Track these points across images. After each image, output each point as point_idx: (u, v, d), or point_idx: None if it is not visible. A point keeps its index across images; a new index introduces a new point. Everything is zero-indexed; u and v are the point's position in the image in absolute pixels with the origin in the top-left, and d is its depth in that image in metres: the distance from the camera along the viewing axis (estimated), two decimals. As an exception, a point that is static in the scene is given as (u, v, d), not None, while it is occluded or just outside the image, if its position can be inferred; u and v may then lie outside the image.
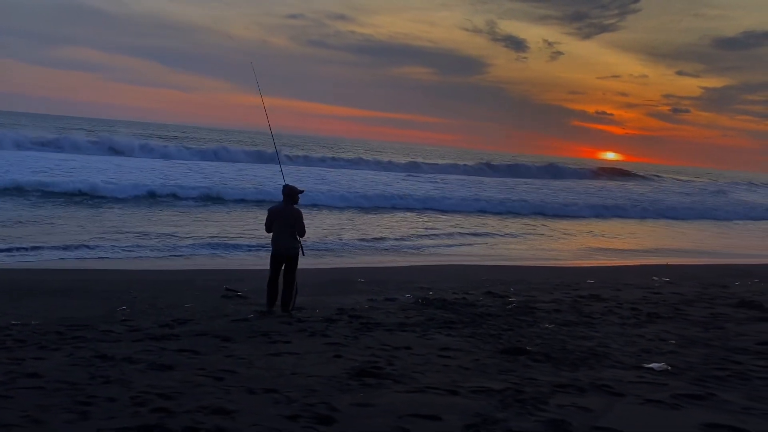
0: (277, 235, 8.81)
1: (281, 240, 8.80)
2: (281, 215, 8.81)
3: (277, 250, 8.82)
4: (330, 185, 29.81)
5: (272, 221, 8.83)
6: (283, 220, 8.79)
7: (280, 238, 8.80)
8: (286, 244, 8.80)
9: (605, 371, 6.08)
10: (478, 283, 11.91)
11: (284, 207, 8.86)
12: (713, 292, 11.84)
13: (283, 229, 8.78)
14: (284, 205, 8.89)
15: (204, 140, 71.51)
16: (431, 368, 6.09)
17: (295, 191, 8.93)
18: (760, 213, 36.85)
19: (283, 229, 8.78)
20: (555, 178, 54.16)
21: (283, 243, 8.80)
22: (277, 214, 8.83)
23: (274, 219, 8.81)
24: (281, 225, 8.78)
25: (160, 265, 12.64)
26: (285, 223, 8.79)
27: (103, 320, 7.91)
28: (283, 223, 8.78)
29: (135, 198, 22.07)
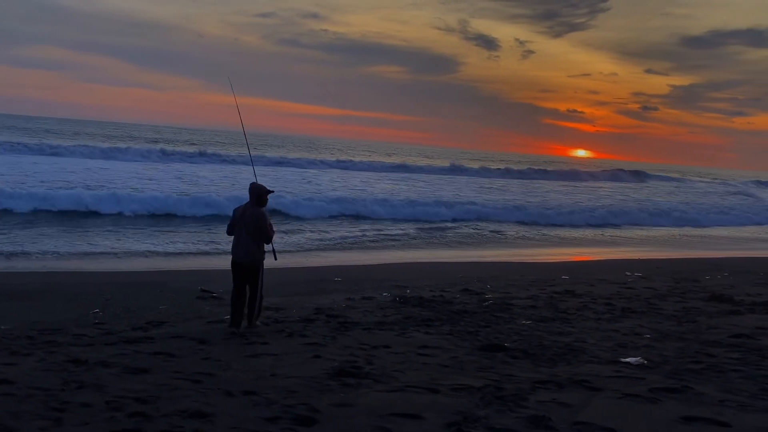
0: (236, 241, 7.72)
1: (239, 246, 7.69)
2: (241, 217, 7.68)
3: (235, 257, 7.74)
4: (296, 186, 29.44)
5: (233, 223, 7.78)
6: (242, 224, 7.64)
7: (239, 244, 7.69)
8: (244, 251, 7.66)
9: (583, 366, 6.12)
10: (455, 281, 11.93)
11: (246, 208, 7.75)
12: (685, 286, 12.02)
13: (242, 234, 7.65)
14: (247, 206, 7.79)
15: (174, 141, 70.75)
16: (410, 367, 6.07)
17: (263, 191, 7.77)
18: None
19: (241, 233, 7.65)
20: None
21: (241, 250, 7.67)
22: (237, 215, 7.76)
23: (235, 221, 7.74)
24: (240, 229, 7.66)
25: (132, 267, 12.45)
26: (244, 226, 7.63)
27: (76, 324, 7.75)
28: (242, 227, 7.64)
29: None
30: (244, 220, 7.66)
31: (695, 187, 56.57)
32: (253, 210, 7.70)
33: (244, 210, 7.76)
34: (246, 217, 7.66)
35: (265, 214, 7.77)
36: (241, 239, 7.68)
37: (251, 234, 7.65)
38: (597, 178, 58.60)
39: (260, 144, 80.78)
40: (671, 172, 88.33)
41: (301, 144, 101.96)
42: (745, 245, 22.69)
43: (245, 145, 49.46)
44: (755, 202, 41.05)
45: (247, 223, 7.63)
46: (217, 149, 51.36)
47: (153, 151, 43.02)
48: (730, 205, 37.06)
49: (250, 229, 7.64)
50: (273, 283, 10.64)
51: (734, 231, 27.25)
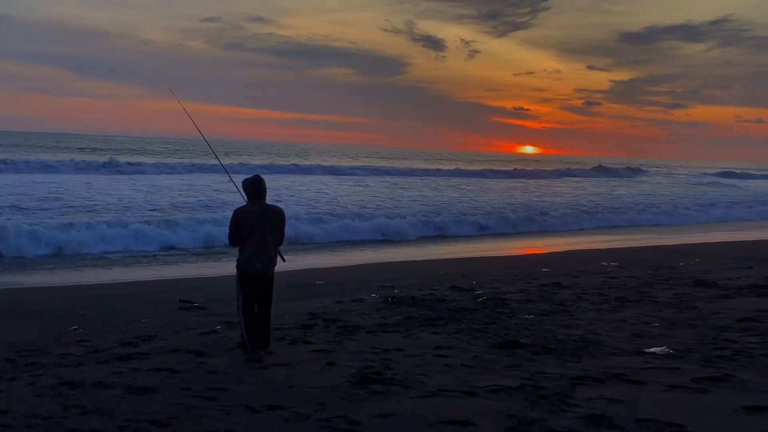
0: (255, 249, 6.34)
1: (262, 254, 6.35)
2: (260, 219, 6.33)
3: (254, 269, 6.37)
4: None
5: (243, 229, 6.37)
6: (264, 226, 6.35)
7: (262, 251, 6.34)
8: (268, 260, 6.38)
9: (609, 359, 5.95)
10: (439, 278, 11.70)
11: (263, 207, 6.43)
12: (665, 274, 12.10)
13: (263, 240, 6.35)
14: (259, 204, 6.46)
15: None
16: (433, 369, 5.79)
17: (264, 184, 6.60)
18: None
19: (262, 239, 6.35)
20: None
21: (265, 258, 6.36)
22: (251, 218, 6.34)
23: (248, 226, 6.34)
24: (260, 233, 6.35)
25: (99, 279, 11.77)
26: (266, 229, 6.37)
27: (57, 342, 7.16)
28: (265, 231, 6.36)
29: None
30: (268, 220, 6.40)
31: (686, 182, 58.45)
32: (274, 207, 6.52)
33: (263, 210, 6.41)
34: (269, 217, 6.40)
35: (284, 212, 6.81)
36: (264, 245, 6.35)
37: (277, 237, 6.51)
38: (585, 175, 60.27)
39: (208, 151, 79.21)
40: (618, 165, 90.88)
41: (253, 149, 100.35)
42: (705, 231, 23.23)
43: (191, 152, 47.92)
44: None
45: (273, 224, 6.44)
46: (164, 158, 49.97)
47: (100, 162, 41.17)
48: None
49: (276, 231, 6.49)
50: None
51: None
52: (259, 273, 6.41)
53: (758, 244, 17.85)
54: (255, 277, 6.41)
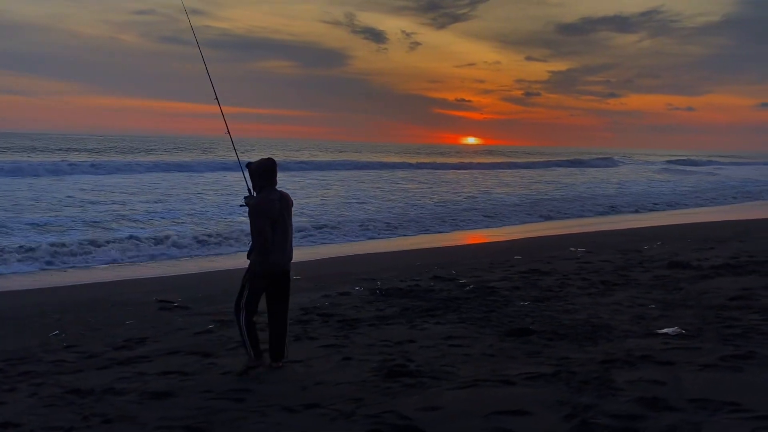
0: (280, 243, 5.64)
1: (284, 250, 5.71)
2: (279, 210, 5.64)
3: (278, 266, 5.70)
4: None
5: (270, 223, 5.57)
6: (285, 217, 5.69)
7: (283, 246, 5.69)
8: (289, 256, 5.81)
9: (626, 342, 6.07)
10: (417, 269, 11.69)
11: (276, 195, 5.70)
12: (635, 257, 12.45)
13: (287, 231, 5.72)
14: (273, 192, 5.70)
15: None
16: (456, 360, 5.78)
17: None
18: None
19: (286, 230, 5.71)
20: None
21: (288, 253, 5.78)
22: (274, 209, 5.61)
23: (269, 217, 5.57)
24: (284, 225, 5.66)
25: (62, 281, 11.23)
26: (288, 220, 5.75)
27: (44, 349, 6.79)
28: (287, 222, 5.72)
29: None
30: (287, 209, 5.75)
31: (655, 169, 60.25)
32: (286, 194, 5.82)
33: (280, 197, 5.71)
34: (287, 206, 5.75)
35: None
36: (287, 239, 5.74)
37: (291, 230, 5.85)
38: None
39: (144, 148, 76.71)
40: (567, 154, 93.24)
41: (194, 145, 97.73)
42: (653, 215, 24.03)
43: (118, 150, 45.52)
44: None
45: (290, 214, 5.83)
46: (100, 157, 47.98)
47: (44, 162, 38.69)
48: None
49: (290, 224, 5.82)
50: (225, 288, 9.96)
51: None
52: (284, 270, 5.80)
53: (713, 226, 18.61)
54: (277, 275, 5.75)
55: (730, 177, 50.45)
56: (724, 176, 52.11)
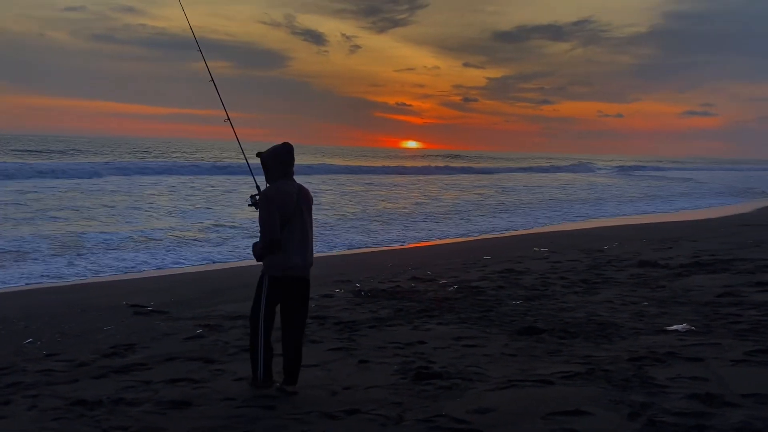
0: (297, 243, 4.88)
1: (304, 249, 4.94)
2: (296, 204, 4.91)
3: (295, 269, 4.92)
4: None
5: (280, 218, 4.83)
6: (303, 212, 4.94)
7: (302, 246, 4.92)
8: (309, 259, 5.02)
9: (640, 339, 6.16)
10: (391, 270, 11.60)
11: (293, 187, 4.97)
12: (601, 257, 12.75)
13: (305, 230, 4.94)
14: (290, 184, 4.97)
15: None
16: (477, 360, 5.72)
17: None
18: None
19: (303, 229, 4.93)
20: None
21: (307, 254, 4.99)
22: (289, 201, 4.87)
23: (287, 213, 4.85)
24: (301, 221, 4.91)
25: (15, 286, 10.52)
26: (306, 216, 4.98)
27: (23, 359, 6.30)
28: (305, 218, 4.96)
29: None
30: (306, 204, 4.99)
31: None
32: (304, 187, 5.09)
33: (299, 189, 4.99)
34: (305, 200, 5.00)
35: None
36: (306, 237, 4.96)
37: (311, 228, 5.07)
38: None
39: (75, 150, 73.17)
40: (511, 159, 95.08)
41: (127, 147, 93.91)
42: (591, 216, 24.73)
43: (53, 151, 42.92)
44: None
45: (310, 209, 5.06)
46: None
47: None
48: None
49: (310, 221, 5.07)
50: (199, 291, 9.62)
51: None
52: (299, 276, 4.97)
53: (660, 227, 19.30)
54: (296, 281, 4.96)
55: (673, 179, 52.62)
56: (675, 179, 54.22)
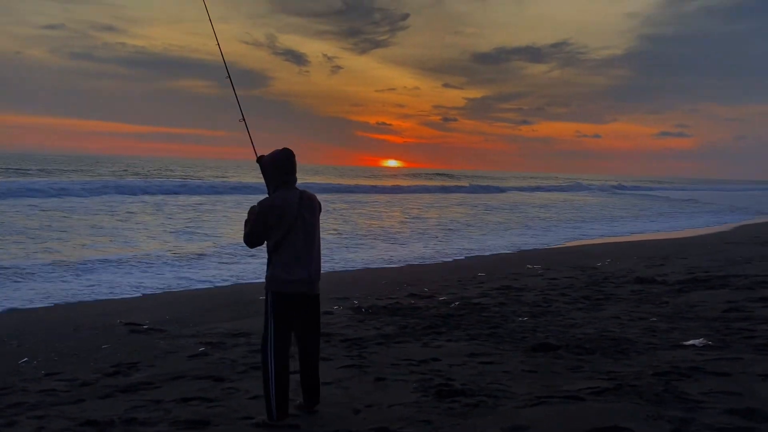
0: (298, 255, 4.51)
1: (306, 263, 4.55)
2: (298, 211, 4.55)
3: (298, 285, 4.53)
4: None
5: (278, 228, 4.51)
6: (305, 222, 4.56)
7: (305, 259, 4.53)
8: (313, 272, 4.61)
9: (659, 354, 6.10)
10: (386, 287, 11.48)
11: (294, 195, 4.61)
12: (596, 274, 12.77)
13: (307, 241, 4.56)
14: (290, 192, 4.62)
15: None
16: (498, 377, 5.61)
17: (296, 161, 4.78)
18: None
19: (306, 240, 4.55)
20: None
21: (310, 268, 4.58)
22: (288, 211, 4.52)
23: (286, 222, 4.50)
24: (303, 231, 4.54)
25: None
26: (309, 226, 4.59)
27: (20, 378, 6.06)
28: (307, 228, 4.57)
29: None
30: (308, 212, 4.60)
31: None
32: (308, 194, 4.71)
33: (301, 196, 4.61)
34: (308, 208, 4.62)
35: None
36: (310, 249, 4.58)
37: (318, 235, 4.73)
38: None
39: (53, 168, 71.71)
40: (487, 178, 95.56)
41: (108, 164, 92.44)
42: (574, 233, 24.84)
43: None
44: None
45: (314, 218, 4.66)
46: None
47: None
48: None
49: (317, 226, 4.71)
50: (193, 310, 9.39)
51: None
52: (307, 291, 4.58)
53: (653, 244, 19.42)
54: (300, 297, 4.56)
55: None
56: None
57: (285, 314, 4.58)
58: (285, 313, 4.57)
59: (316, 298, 4.72)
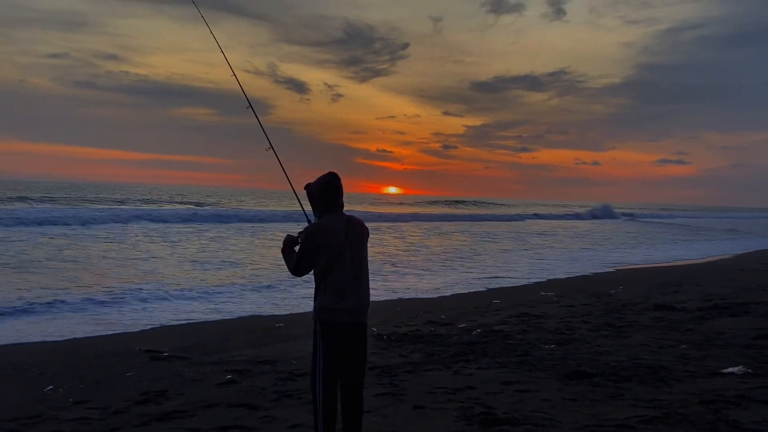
0: (346, 284, 4.38)
1: (354, 292, 4.41)
2: (345, 238, 4.43)
3: (346, 313, 4.37)
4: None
5: (323, 255, 4.41)
6: (352, 249, 4.45)
7: (353, 287, 4.41)
8: (362, 301, 4.46)
9: (699, 382, 6.06)
10: (402, 314, 11.43)
11: (340, 221, 4.49)
12: (612, 301, 12.73)
13: (355, 269, 4.45)
14: (336, 218, 4.51)
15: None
16: (539, 405, 5.55)
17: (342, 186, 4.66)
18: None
19: (354, 268, 4.44)
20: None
21: (357, 298, 4.43)
22: (335, 238, 4.41)
23: (333, 250, 4.40)
24: (351, 258, 4.41)
25: (16, 337, 10.07)
26: (356, 253, 4.47)
27: (49, 406, 5.98)
28: (355, 255, 4.46)
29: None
30: (356, 239, 4.49)
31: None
32: (356, 219, 4.59)
33: (348, 222, 4.50)
34: (355, 234, 4.50)
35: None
36: (358, 277, 4.45)
37: (367, 263, 4.58)
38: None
39: (56, 195, 71.27)
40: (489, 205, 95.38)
41: (107, 191, 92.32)
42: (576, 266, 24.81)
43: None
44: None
45: (362, 245, 4.54)
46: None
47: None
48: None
49: (365, 253, 4.57)
50: (212, 336, 9.32)
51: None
52: (355, 321, 4.42)
53: (659, 270, 19.39)
54: (349, 327, 4.40)
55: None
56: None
57: (333, 344, 4.43)
58: (333, 342, 4.42)
59: (364, 326, 4.53)
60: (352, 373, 4.51)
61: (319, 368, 4.45)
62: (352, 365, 4.50)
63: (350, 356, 4.47)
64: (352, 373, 4.52)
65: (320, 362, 4.45)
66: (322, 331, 4.42)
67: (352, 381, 4.52)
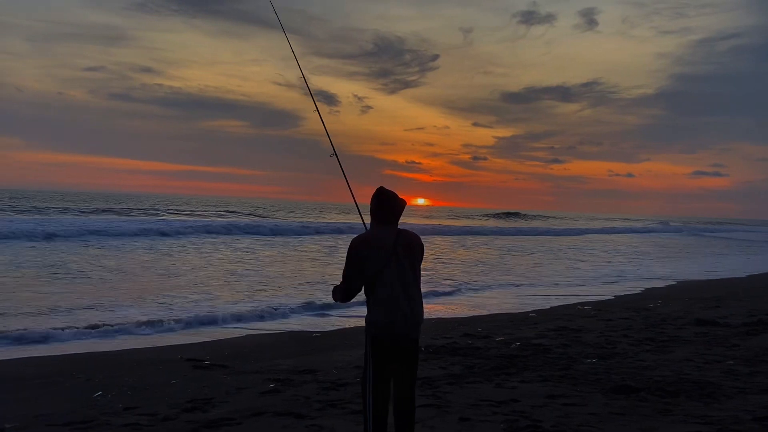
0: (394, 297, 4.34)
1: (403, 306, 4.35)
2: (392, 251, 4.42)
3: (394, 327, 4.35)
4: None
5: (368, 269, 4.42)
6: (402, 262, 4.41)
7: (401, 301, 4.35)
8: (411, 316, 4.40)
9: (751, 398, 6.04)
10: (437, 326, 11.46)
11: (389, 233, 4.48)
12: (651, 315, 12.61)
13: (404, 283, 4.39)
14: (385, 230, 4.50)
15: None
16: (586, 420, 5.57)
17: (399, 201, 4.61)
18: None
19: (402, 281, 4.39)
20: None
21: (405, 313, 4.36)
22: (380, 250, 4.41)
23: (378, 263, 4.39)
24: (399, 272, 4.39)
25: (59, 349, 10.32)
26: (406, 266, 4.44)
27: (99, 412, 6.13)
28: (404, 268, 4.42)
29: None
30: (406, 252, 4.46)
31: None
32: (409, 233, 4.57)
33: (395, 237, 4.46)
34: (406, 247, 4.47)
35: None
36: (407, 291, 4.39)
37: (419, 277, 4.55)
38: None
39: (94, 205, 71.96)
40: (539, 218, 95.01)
41: (143, 201, 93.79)
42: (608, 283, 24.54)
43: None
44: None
45: (414, 258, 4.50)
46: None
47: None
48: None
49: (418, 268, 4.54)
50: (250, 346, 9.43)
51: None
52: (404, 335, 4.39)
53: (697, 285, 19.15)
54: (397, 341, 4.39)
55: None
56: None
57: (383, 357, 4.45)
58: (383, 355, 4.45)
59: (415, 342, 4.50)
60: (401, 385, 4.53)
61: (369, 382, 4.50)
62: (400, 380, 4.51)
63: (400, 369, 4.49)
64: (402, 386, 4.53)
65: (370, 376, 4.49)
66: (371, 345, 4.46)
67: (401, 393, 4.53)
